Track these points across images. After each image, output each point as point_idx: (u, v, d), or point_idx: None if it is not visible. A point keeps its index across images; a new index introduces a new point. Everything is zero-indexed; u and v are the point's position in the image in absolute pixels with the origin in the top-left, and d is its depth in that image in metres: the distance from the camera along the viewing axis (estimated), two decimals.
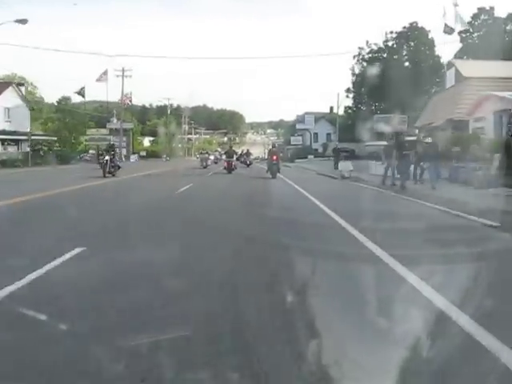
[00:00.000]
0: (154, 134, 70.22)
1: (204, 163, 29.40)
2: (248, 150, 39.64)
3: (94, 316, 3.24)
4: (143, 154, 58.34)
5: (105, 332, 2.95)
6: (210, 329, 3.01)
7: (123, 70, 49.28)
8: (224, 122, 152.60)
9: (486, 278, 3.96)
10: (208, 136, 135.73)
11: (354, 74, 53.02)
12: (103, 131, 50.56)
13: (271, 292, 3.83)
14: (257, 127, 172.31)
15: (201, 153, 34.68)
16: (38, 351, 2.64)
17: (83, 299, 3.60)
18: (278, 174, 20.09)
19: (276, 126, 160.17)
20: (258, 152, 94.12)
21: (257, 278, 4.25)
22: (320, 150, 56.38)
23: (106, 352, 2.63)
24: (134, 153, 56.49)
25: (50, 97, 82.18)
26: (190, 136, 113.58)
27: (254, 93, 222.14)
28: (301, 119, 60.78)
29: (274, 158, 20.17)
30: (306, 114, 59.90)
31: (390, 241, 5.77)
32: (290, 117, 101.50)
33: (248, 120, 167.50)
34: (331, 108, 73.11)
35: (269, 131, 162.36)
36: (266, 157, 51.76)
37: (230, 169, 22.85)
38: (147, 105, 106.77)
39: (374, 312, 3.20)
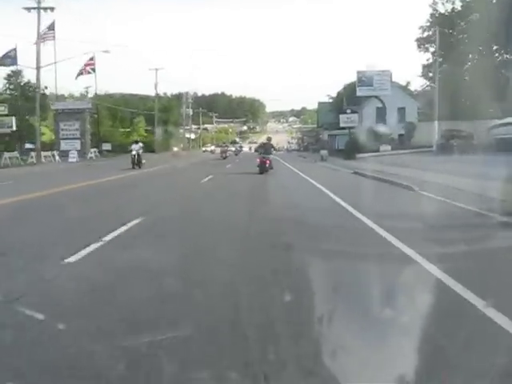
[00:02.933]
0: (165, 122, 56.14)
1: (223, 155, 35.42)
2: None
3: None
4: (107, 147, 42.22)
5: None
6: None
7: None
8: (243, 110, 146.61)
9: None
10: (226, 125, 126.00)
11: (436, 14, 36.21)
12: None
13: None
14: (278, 116, 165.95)
15: (221, 146, 46.26)
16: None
17: None
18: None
19: (298, 113, 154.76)
20: (280, 140, 77.86)
21: None
22: (394, 135, 34.52)
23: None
24: (97, 145, 41.35)
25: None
26: (206, 126, 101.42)
27: (274, 80, 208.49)
28: (366, 79, 33.85)
29: None
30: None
31: None
32: (312, 105, 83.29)
33: (269, 109, 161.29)
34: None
35: (291, 119, 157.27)
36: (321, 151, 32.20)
37: (263, 168, 18.39)
38: (168, 94, 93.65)
39: None
